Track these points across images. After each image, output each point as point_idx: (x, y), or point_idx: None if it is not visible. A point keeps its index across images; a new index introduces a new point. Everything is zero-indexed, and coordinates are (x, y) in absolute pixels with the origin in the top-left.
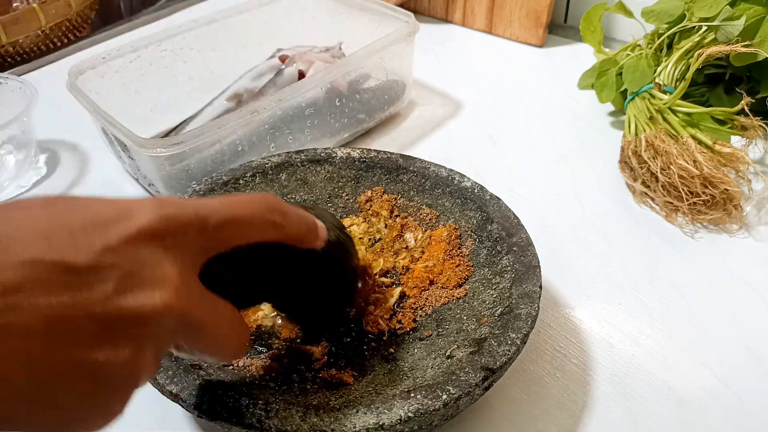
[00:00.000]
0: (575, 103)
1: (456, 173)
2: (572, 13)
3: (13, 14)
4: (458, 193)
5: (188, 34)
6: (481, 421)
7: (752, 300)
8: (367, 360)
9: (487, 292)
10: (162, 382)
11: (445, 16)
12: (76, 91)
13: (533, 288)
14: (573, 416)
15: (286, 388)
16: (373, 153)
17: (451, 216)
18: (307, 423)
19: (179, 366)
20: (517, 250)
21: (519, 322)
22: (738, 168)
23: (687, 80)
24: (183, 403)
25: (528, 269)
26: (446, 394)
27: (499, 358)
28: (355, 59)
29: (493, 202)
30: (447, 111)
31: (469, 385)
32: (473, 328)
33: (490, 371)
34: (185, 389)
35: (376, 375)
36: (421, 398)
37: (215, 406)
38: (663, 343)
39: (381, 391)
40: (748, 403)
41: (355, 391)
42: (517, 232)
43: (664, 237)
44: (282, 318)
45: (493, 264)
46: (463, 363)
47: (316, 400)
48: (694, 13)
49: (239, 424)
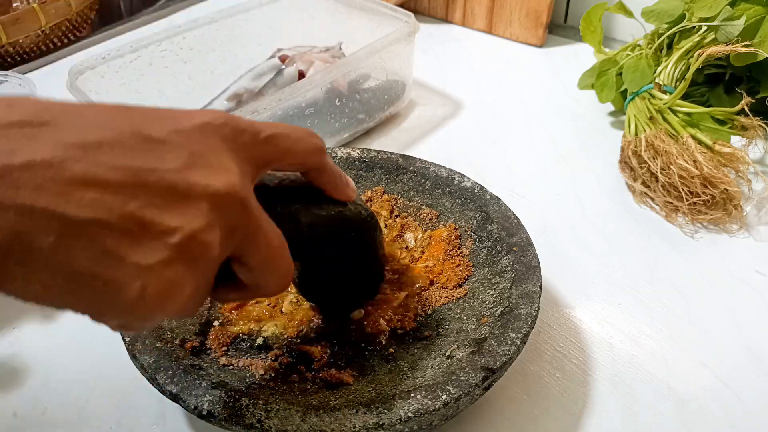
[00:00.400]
0: (575, 103)
1: (456, 173)
2: (572, 13)
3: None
4: (458, 193)
5: (188, 34)
6: (481, 421)
7: (752, 300)
8: (367, 360)
9: (487, 292)
10: (162, 382)
11: (445, 16)
12: (76, 91)
13: (533, 288)
14: (573, 416)
15: (286, 388)
16: (373, 153)
17: (451, 216)
18: (307, 423)
19: (179, 366)
20: (517, 250)
21: (519, 322)
22: (738, 168)
23: (687, 80)
24: (183, 403)
25: (528, 269)
26: (446, 394)
27: (499, 358)
28: (355, 59)
29: (493, 202)
30: (447, 111)
31: (469, 385)
32: (473, 328)
33: (490, 371)
34: (185, 389)
35: (376, 375)
36: (421, 398)
37: (215, 407)
38: (663, 343)
39: (381, 391)
40: (748, 403)
41: (355, 391)
42: (517, 232)
43: (664, 237)
44: (298, 297)
45: (493, 264)
46: (463, 363)
47: (316, 400)
48: (694, 13)
49: (239, 424)
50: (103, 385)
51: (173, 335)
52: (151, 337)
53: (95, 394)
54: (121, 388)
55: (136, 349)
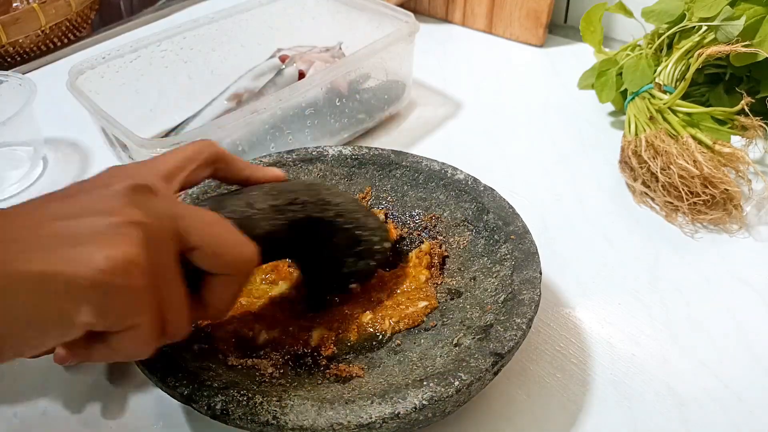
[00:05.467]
0: (575, 103)
1: (448, 166)
2: (572, 13)
3: (13, 14)
4: (452, 185)
5: (188, 34)
6: (481, 420)
7: (752, 300)
8: (375, 353)
9: (488, 281)
10: (173, 385)
11: (445, 16)
12: (76, 91)
13: (534, 274)
14: (573, 416)
15: (297, 384)
16: (364, 150)
17: (446, 208)
18: (323, 417)
19: (188, 368)
20: (514, 239)
21: (523, 308)
22: (738, 168)
23: (687, 80)
24: (195, 405)
25: (527, 256)
26: (458, 381)
27: (507, 343)
28: (355, 59)
29: (487, 193)
30: (447, 111)
31: (479, 371)
32: (477, 316)
33: (499, 356)
34: (197, 391)
35: (386, 367)
36: (433, 386)
37: (229, 406)
38: (663, 343)
39: (393, 382)
40: (748, 403)
41: (366, 384)
42: (513, 221)
43: (664, 237)
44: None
45: (491, 253)
46: (472, 350)
47: (330, 394)
48: (694, 13)
49: (255, 421)
50: (103, 385)
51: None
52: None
53: (95, 395)
54: (122, 389)
55: None
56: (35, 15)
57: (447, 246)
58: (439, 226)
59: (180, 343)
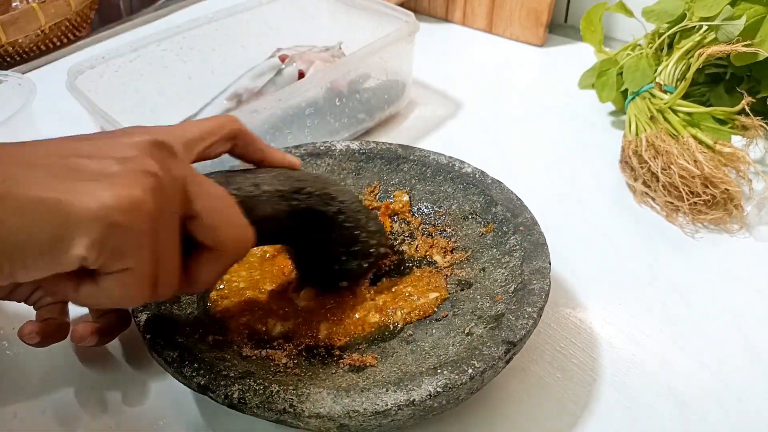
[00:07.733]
0: (575, 103)
1: (456, 160)
2: (572, 13)
3: (13, 14)
4: (460, 179)
5: (188, 34)
6: (482, 420)
7: (752, 300)
8: (388, 343)
9: (498, 272)
10: (189, 375)
11: (445, 15)
12: (75, 90)
13: (543, 264)
14: (573, 416)
15: (312, 374)
16: (372, 144)
17: (454, 201)
18: (339, 404)
19: (203, 359)
20: (523, 230)
21: (533, 297)
22: (739, 168)
23: (687, 80)
24: (212, 395)
25: (536, 247)
26: (472, 368)
27: (519, 332)
28: (355, 59)
29: (495, 186)
30: (447, 111)
31: (492, 359)
32: (488, 305)
33: (511, 344)
34: (213, 381)
35: (399, 356)
36: (448, 373)
37: (246, 394)
38: (663, 343)
39: (407, 371)
40: (748, 403)
41: (380, 372)
42: (521, 212)
43: (665, 237)
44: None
45: (500, 244)
46: (484, 338)
47: (345, 383)
48: (694, 12)
49: (272, 410)
50: (103, 385)
51: (191, 330)
52: (172, 333)
53: (95, 395)
54: (122, 389)
55: (159, 344)
56: (35, 15)
57: (456, 238)
58: (447, 218)
59: (194, 334)
